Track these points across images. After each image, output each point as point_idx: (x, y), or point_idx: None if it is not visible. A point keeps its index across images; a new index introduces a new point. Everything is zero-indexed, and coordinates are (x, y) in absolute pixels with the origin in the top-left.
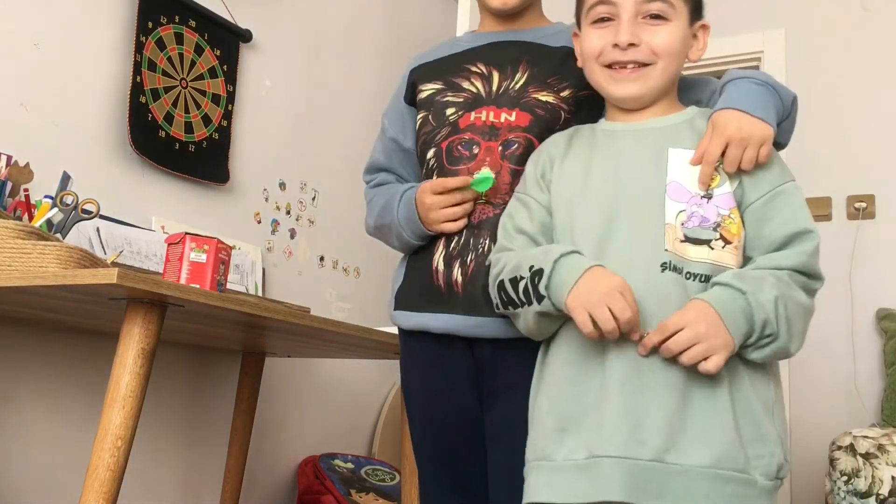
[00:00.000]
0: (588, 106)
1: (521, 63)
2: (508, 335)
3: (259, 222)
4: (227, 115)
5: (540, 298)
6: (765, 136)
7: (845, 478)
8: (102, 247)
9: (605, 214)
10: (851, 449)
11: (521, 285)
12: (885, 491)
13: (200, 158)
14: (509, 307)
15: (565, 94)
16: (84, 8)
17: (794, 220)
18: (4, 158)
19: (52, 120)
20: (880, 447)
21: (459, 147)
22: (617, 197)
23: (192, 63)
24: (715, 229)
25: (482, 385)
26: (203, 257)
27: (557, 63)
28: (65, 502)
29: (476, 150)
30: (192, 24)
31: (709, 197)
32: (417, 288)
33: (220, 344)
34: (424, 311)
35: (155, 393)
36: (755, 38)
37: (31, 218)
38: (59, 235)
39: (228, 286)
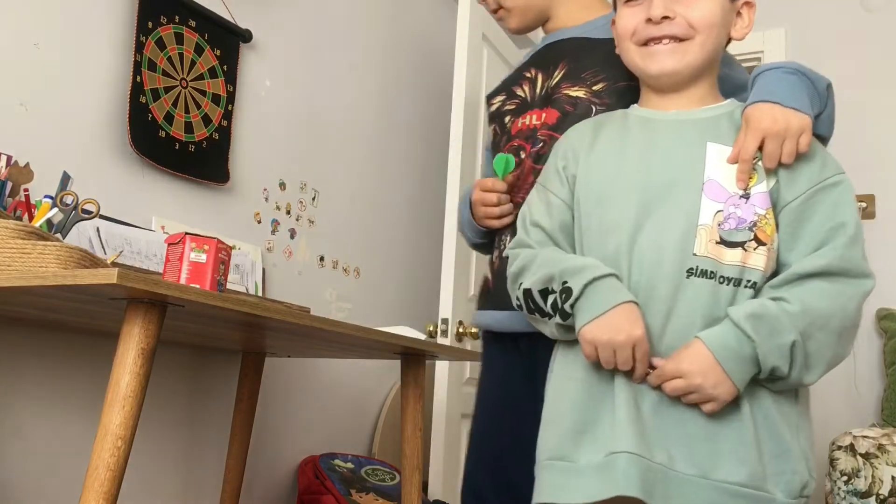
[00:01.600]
0: (626, 97)
1: (561, 61)
2: (533, 329)
3: (259, 222)
4: (227, 115)
5: (566, 316)
6: (802, 126)
7: (845, 478)
8: (102, 247)
9: (636, 212)
10: (851, 449)
11: (551, 300)
12: (885, 491)
13: (200, 158)
14: (536, 314)
15: (598, 87)
16: (84, 8)
17: (832, 216)
18: (4, 158)
19: (52, 120)
20: (880, 447)
21: (511, 154)
22: (649, 193)
23: (192, 63)
24: (751, 229)
25: (527, 372)
26: (203, 257)
27: (598, 55)
28: (65, 502)
29: (523, 156)
30: (192, 24)
31: (747, 196)
32: (481, 290)
33: (220, 344)
34: (479, 308)
35: (155, 393)
36: (755, 38)
37: (31, 218)
38: (59, 235)
39: (228, 286)
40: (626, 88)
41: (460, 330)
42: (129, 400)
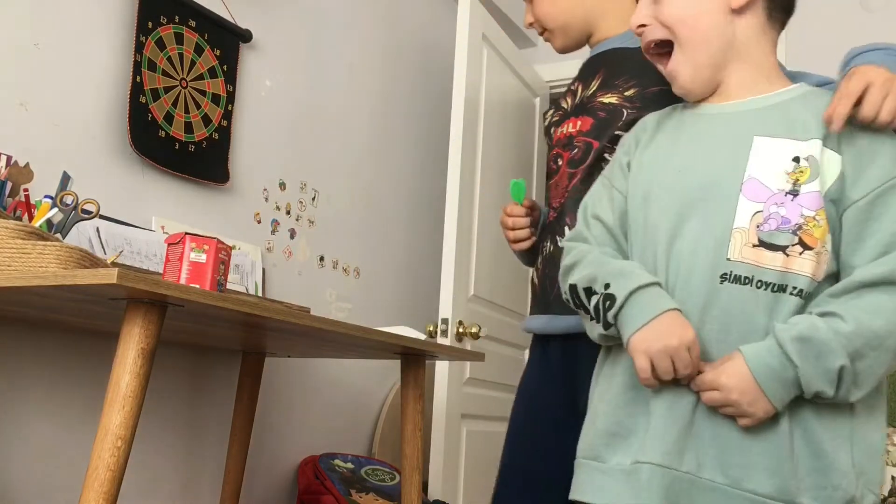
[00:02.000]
0: (657, 102)
1: (598, 72)
2: (568, 329)
3: (259, 222)
4: (227, 115)
5: (607, 326)
6: None
7: None
8: (102, 247)
9: (676, 214)
10: None
11: (594, 301)
12: (885, 491)
13: (200, 158)
14: (581, 311)
15: (630, 92)
16: (84, 8)
17: None
18: (4, 158)
19: (52, 120)
20: None
21: (551, 162)
22: (687, 195)
23: (192, 63)
24: (795, 232)
25: (567, 379)
26: (203, 257)
27: (632, 63)
28: (65, 502)
29: (560, 162)
30: (192, 24)
31: (795, 193)
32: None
33: (220, 344)
34: (530, 314)
35: (155, 393)
36: None
37: (31, 218)
38: (59, 235)
39: (228, 286)
40: (657, 93)
41: (460, 330)
42: (129, 400)
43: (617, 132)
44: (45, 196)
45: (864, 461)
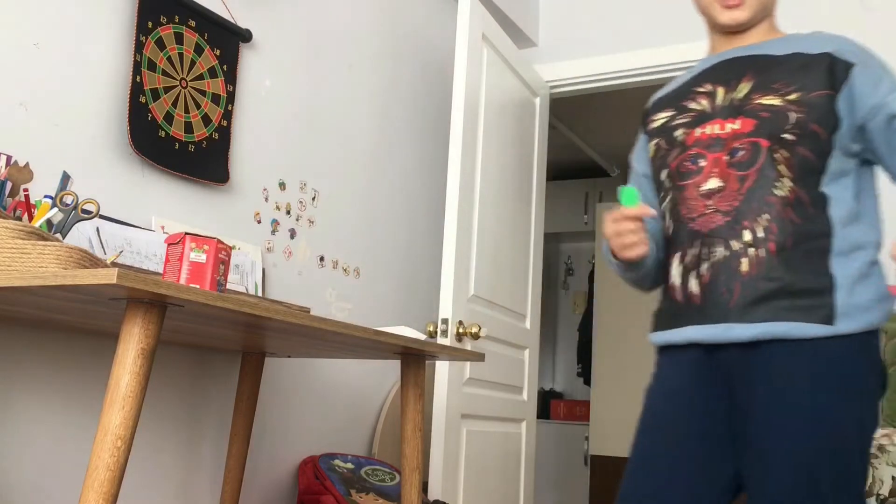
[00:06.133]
0: (822, 105)
1: (745, 74)
2: (753, 337)
3: (259, 222)
4: (227, 115)
5: None
6: None
7: None
8: (102, 247)
9: None
10: None
11: None
12: (885, 491)
13: (200, 158)
14: None
15: (792, 97)
16: (84, 8)
17: None
18: (4, 158)
19: (52, 120)
20: (880, 447)
21: (686, 163)
22: None
23: (192, 63)
24: None
25: (734, 391)
26: (203, 257)
27: (784, 69)
28: (65, 502)
29: (703, 163)
30: (192, 23)
31: None
32: (665, 308)
33: (220, 344)
34: (669, 327)
35: (155, 393)
36: None
37: (30, 218)
38: (58, 235)
39: (228, 286)
40: (820, 97)
41: (460, 330)
42: (129, 400)
43: (784, 134)
44: (45, 196)
45: None
